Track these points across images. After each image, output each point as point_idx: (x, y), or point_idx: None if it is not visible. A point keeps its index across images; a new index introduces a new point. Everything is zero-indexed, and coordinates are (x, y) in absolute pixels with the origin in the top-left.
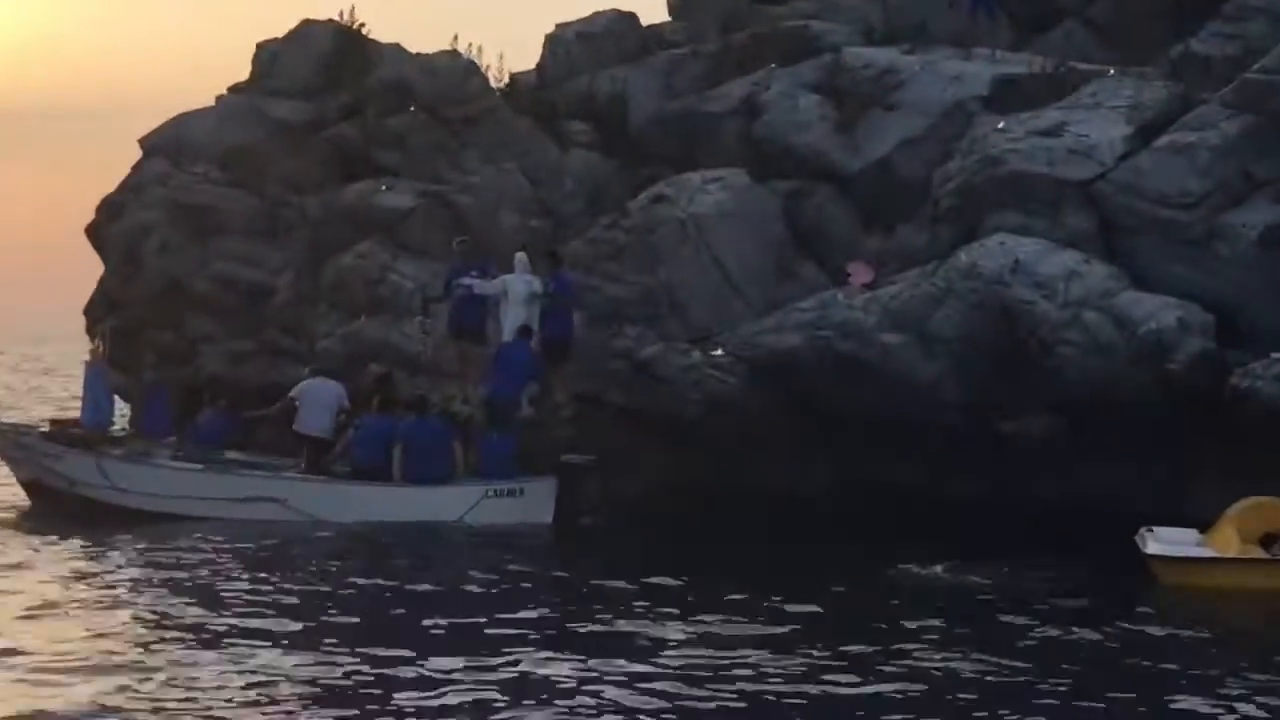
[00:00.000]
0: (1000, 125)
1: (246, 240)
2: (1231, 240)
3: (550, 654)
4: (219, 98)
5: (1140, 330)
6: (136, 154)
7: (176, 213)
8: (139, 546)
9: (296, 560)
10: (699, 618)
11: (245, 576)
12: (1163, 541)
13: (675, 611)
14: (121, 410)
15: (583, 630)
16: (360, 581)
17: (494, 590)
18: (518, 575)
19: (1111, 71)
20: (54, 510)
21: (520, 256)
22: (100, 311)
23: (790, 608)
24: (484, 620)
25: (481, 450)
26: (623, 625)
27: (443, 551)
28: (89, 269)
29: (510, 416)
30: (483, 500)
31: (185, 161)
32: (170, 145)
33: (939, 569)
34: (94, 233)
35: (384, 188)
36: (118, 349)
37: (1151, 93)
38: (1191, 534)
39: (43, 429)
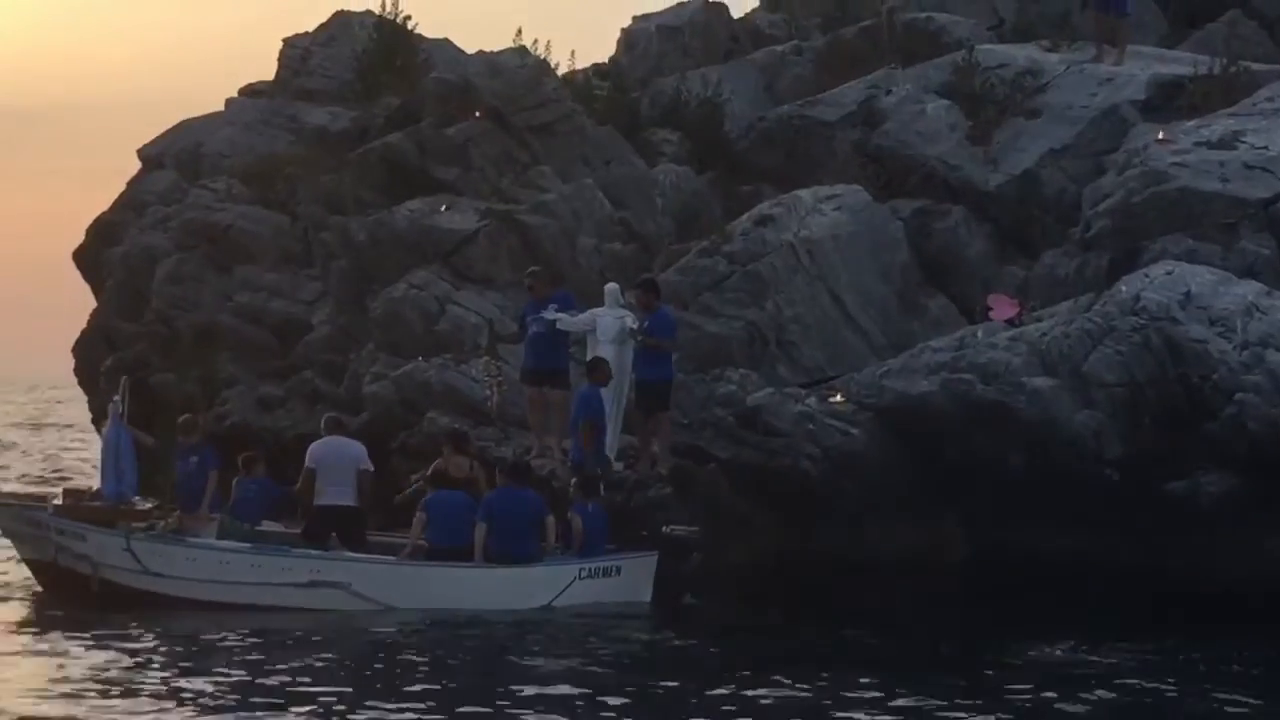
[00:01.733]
0: (1161, 135)
1: (276, 268)
2: None
3: None
4: (230, 101)
5: None
6: (124, 163)
7: (190, 235)
8: (177, 646)
9: (366, 658)
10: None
11: (307, 678)
12: None
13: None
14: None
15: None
16: (436, 684)
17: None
18: (614, 674)
19: None
20: (72, 598)
21: (612, 287)
22: (94, 351)
23: (924, 702)
24: None
25: (584, 523)
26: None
27: (528, 644)
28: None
29: (595, 481)
30: (575, 582)
31: (199, 175)
32: (180, 156)
33: (1094, 652)
34: (84, 258)
35: (443, 208)
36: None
37: None
38: None
39: (56, 502)
